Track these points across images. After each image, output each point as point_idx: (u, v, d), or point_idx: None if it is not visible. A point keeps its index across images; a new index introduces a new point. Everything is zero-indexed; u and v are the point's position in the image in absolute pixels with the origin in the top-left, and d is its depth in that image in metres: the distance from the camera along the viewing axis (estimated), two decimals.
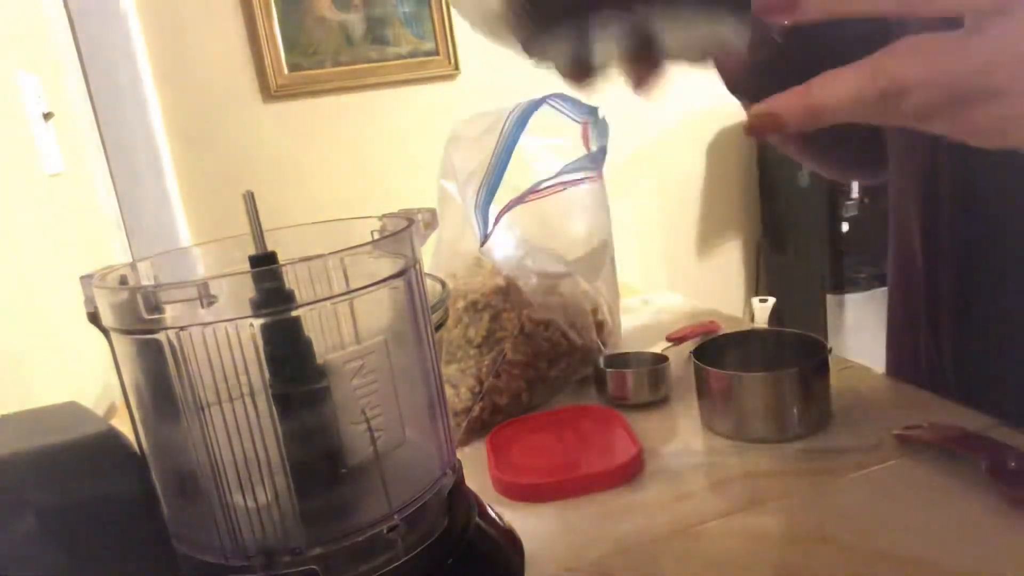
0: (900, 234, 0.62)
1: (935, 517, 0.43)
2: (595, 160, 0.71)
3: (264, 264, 0.36)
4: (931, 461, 0.48)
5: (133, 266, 0.40)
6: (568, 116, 0.72)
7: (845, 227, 2.15)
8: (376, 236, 0.41)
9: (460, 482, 0.41)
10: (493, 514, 0.45)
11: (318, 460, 0.36)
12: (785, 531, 0.44)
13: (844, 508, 0.45)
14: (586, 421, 0.60)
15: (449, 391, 0.63)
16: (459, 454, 0.43)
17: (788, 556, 0.41)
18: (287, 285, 0.34)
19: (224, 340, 0.33)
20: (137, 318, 0.33)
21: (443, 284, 0.58)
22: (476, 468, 0.56)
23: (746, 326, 0.84)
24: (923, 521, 0.43)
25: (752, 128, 0.33)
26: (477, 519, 0.42)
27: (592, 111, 0.74)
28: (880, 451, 0.51)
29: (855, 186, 2.10)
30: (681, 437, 0.58)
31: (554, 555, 0.44)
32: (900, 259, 0.62)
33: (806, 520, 0.45)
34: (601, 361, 0.67)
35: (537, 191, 0.66)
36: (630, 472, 0.52)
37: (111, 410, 0.85)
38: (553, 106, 0.70)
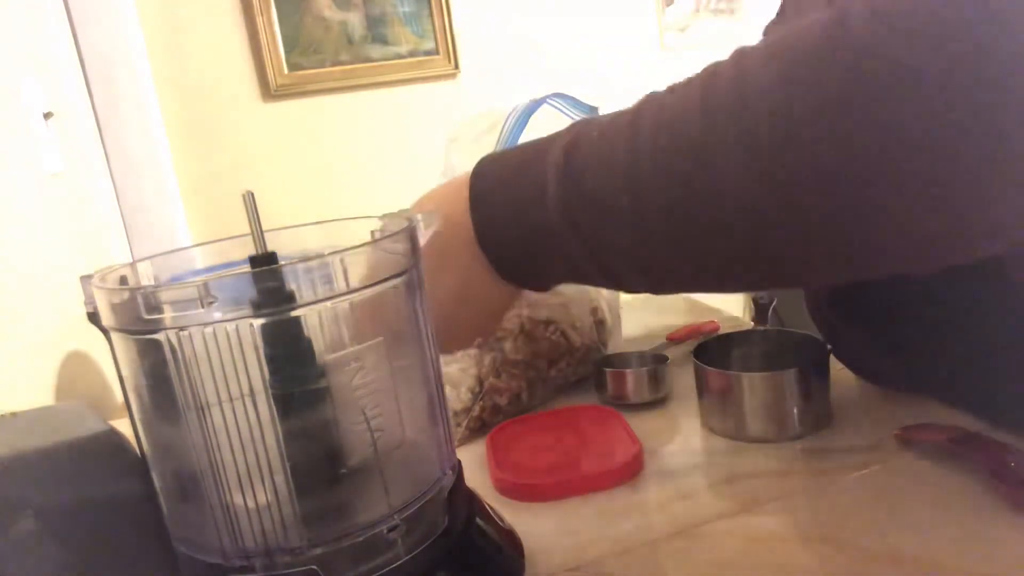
0: None
1: (935, 517, 0.43)
2: None
3: (264, 264, 0.36)
4: (931, 461, 0.48)
5: (133, 266, 0.40)
6: (569, 116, 0.72)
7: None
8: (376, 236, 0.41)
9: (460, 482, 0.41)
10: (493, 514, 0.45)
11: (318, 460, 0.36)
12: (785, 531, 0.44)
13: (844, 508, 0.45)
14: (586, 421, 0.60)
15: (449, 391, 0.63)
16: (459, 454, 0.43)
17: (788, 556, 0.41)
18: (287, 285, 0.34)
19: (224, 340, 0.33)
20: (137, 318, 0.33)
21: None
22: (476, 468, 0.56)
23: (746, 326, 0.84)
24: (923, 521, 0.43)
25: None
26: (477, 519, 0.42)
27: (593, 111, 0.74)
28: (880, 451, 0.51)
29: None
30: (681, 437, 0.58)
31: (554, 555, 0.44)
32: None
33: (806, 520, 0.45)
34: (601, 361, 0.67)
35: None
36: (630, 472, 0.52)
37: (111, 410, 0.85)
38: (554, 106, 0.70)
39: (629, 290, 0.44)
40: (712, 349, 0.61)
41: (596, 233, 0.40)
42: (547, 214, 0.40)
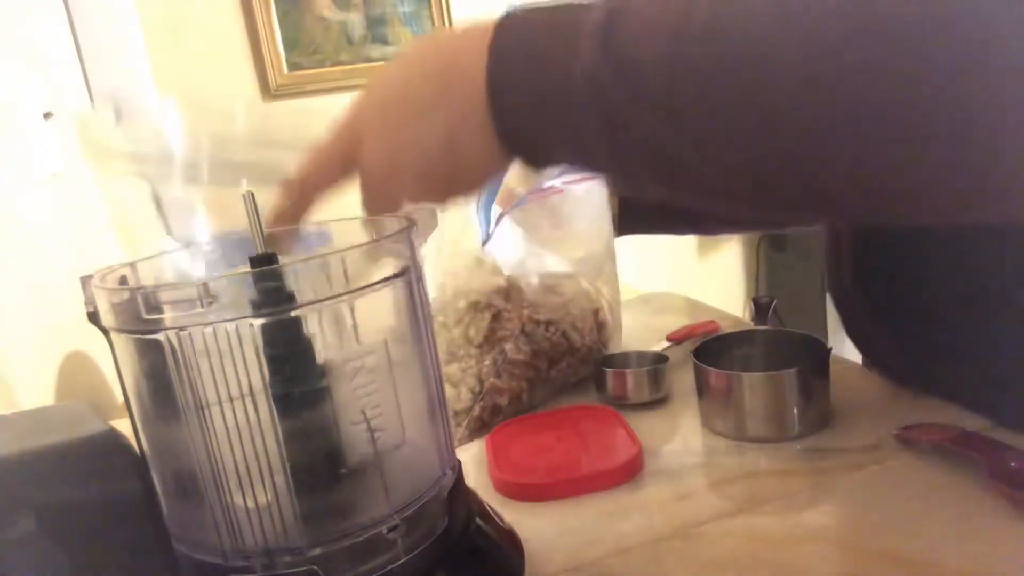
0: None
1: (935, 517, 0.43)
2: None
3: (264, 264, 0.36)
4: (930, 461, 0.48)
5: (133, 266, 0.40)
6: None
7: None
8: (376, 236, 0.41)
9: (460, 482, 0.41)
10: (493, 514, 0.45)
11: (318, 460, 0.36)
12: (785, 531, 0.44)
13: (844, 508, 0.45)
14: (586, 421, 0.60)
15: (449, 391, 0.63)
16: (459, 454, 0.43)
17: (788, 556, 0.41)
18: (287, 285, 0.34)
19: (224, 340, 0.33)
20: (137, 318, 0.33)
21: None
22: (476, 468, 0.56)
23: (746, 326, 0.84)
24: (923, 521, 0.43)
25: None
26: (477, 519, 0.42)
27: None
28: (880, 451, 0.51)
29: None
30: (681, 437, 0.58)
31: (554, 555, 0.44)
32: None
33: (806, 520, 0.45)
34: (601, 361, 0.67)
35: (539, 191, 0.66)
36: (630, 472, 0.52)
37: (111, 410, 0.85)
38: None
39: (633, 187, 0.41)
40: (712, 349, 0.61)
41: (620, 108, 0.36)
42: (572, 75, 0.36)
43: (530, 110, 0.39)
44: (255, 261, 0.37)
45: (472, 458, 0.57)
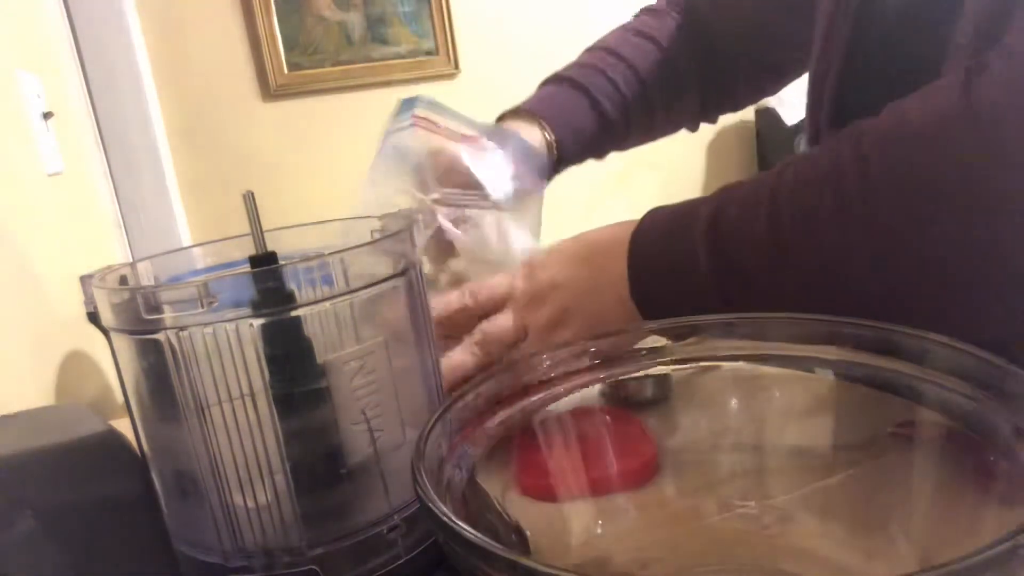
0: None
1: (929, 513, 0.43)
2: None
3: (264, 264, 0.36)
4: (925, 457, 0.48)
5: (133, 266, 0.40)
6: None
7: None
8: (376, 236, 0.41)
9: None
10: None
11: (318, 460, 0.36)
12: (782, 527, 0.44)
13: (841, 502, 0.45)
14: (596, 421, 0.60)
15: None
16: None
17: (785, 553, 0.41)
18: (287, 285, 0.34)
19: (224, 340, 0.33)
20: (137, 318, 0.33)
21: None
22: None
23: None
24: (917, 517, 0.43)
25: None
26: None
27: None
28: (873, 448, 0.51)
29: None
30: (683, 434, 0.58)
31: (559, 554, 0.44)
32: None
33: (804, 515, 0.45)
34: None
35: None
36: (637, 471, 0.52)
37: (111, 410, 0.85)
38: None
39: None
40: None
41: (747, 306, 0.45)
42: (702, 286, 0.47)
43: (672, 306, 0.50)
44: (255, 261, 0.37)
45: None
